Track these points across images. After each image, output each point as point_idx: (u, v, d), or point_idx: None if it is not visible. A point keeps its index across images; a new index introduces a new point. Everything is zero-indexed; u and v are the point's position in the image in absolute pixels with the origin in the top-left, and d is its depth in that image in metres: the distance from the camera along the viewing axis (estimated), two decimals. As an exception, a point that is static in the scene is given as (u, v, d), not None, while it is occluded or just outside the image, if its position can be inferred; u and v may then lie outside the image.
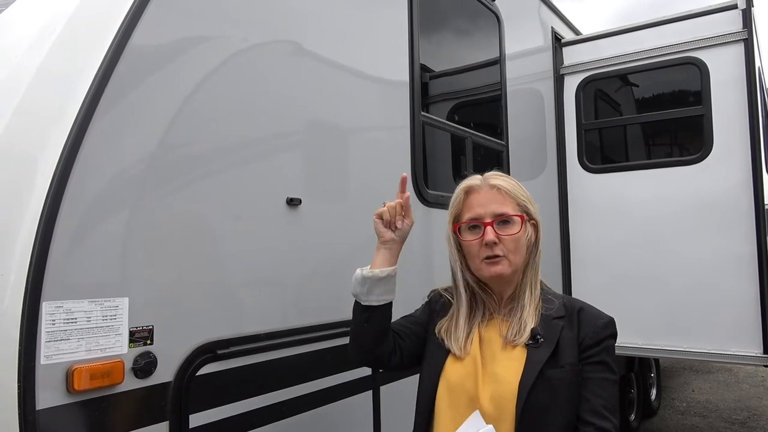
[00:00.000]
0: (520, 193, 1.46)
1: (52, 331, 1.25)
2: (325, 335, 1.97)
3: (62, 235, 1.28)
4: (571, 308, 1.42)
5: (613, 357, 1.38)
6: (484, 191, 1.44)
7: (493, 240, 1.38)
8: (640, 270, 3.89)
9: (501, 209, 1.41)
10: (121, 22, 1.45)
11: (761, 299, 3.48)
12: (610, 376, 1.35)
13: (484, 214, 1.41)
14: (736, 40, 3.67)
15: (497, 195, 1.43)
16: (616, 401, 1.35)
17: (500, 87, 3.42)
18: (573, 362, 1.33)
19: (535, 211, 1.47)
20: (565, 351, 1.34)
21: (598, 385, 1.33)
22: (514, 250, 1.41)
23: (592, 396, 1.31)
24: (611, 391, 1.34)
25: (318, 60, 2.06)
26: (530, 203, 1.46)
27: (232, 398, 1.65)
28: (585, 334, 1.36)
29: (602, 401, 1.31)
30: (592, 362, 1.34)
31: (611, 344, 1.39)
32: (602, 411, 1.30)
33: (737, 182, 3.61)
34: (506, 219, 1.41)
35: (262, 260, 1.80)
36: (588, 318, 1.39)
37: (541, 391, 1.29)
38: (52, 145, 1.30)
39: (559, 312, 1.40)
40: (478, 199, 1.44)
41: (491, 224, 1.40)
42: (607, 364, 1.35)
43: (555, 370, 1.31)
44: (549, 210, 4.09)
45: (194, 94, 1.62)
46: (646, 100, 4.33)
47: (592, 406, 1.30)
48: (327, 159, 2.08)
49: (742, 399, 6.45)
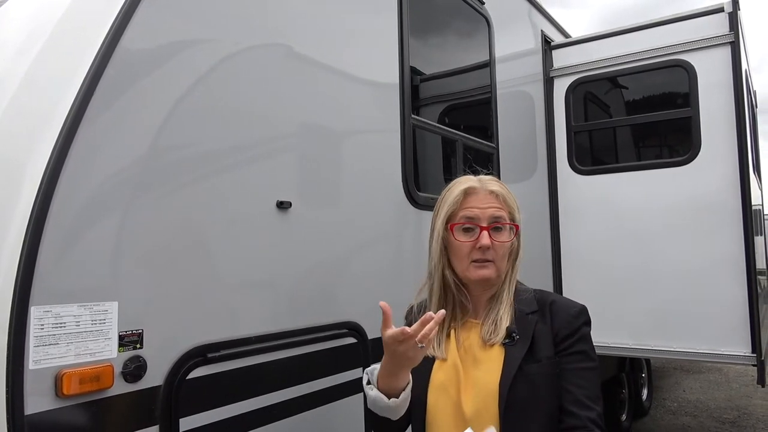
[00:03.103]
0: (512, 200, 1.48)
1: (41, 336, 1.25)
2: (316, 338, 1.98)
3: (51, 240, 1.27)
4: (543, 302, 1.43)
5: (591, 344, 1.40)
6: (483, 195, 1.45)
7: (488, 244, 1.40)
8: (630, 271, 3.91)
9: (498, 214, 1.43)
10: (110, 26, 1.45)
11: (749, 299, 3.51)
12: (590, 365, 1.36)
13: (482, 218, 1.42)
14: (723, 43, 3.71)
15: (495, 200, 1.44)
16: (598, 389, 1.36)
17: (490, 90, 3.44)
18: (550, 355, 1.34)
19: (520, 217, 1.49)
20: (541, 345, 1.35)
21: (577, 375, 1.34)
22: (502, 257, 1.43)
23: (573, 387, 1.32)
24: (592, 379, 1.35)
25: (308, 63, 2.07)
26: (518, 210, 1.49)
27: (223, 402, 1.65)
28: (559, 325, 1.38)
29: (584, 391, 1.32)
30: (570, 353, 1.35)
31: (587, 332, 1.40)
32: (585, 401, 1.31)
33: (725, 184, 3.64)
34: (500, 226, 1.43)
35: (253, 263, 1.80)
36: (560, 309, 1.41)
37: (522, 387, 1.31)
38: (40, 149, 1.30)
39: (532, 307, 1.42)
40: (476, 202, 1.44)
41: (488, 229, 1.41)
42: (584, 353, 1.36)
43: (533, 365, 1.33)
44: (539, 211, 4.11)
45: (184, 97, 1.62)
46: (635, 102, 4.37)
47: (575, 396, 1.31)
48: (317, 162, 2.09)
49: (732, 398, 6.50)
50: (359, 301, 2.22)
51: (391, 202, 2.48)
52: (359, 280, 2.25)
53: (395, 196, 2.50)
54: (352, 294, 2.21)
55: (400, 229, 2.53)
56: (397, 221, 2.50)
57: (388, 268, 2.43)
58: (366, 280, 2.29)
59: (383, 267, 2.40)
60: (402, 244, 2.54)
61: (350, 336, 2.13)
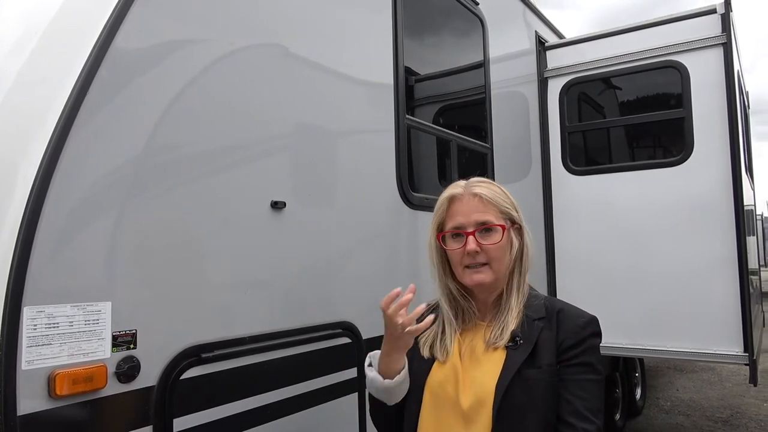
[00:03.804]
0: (502, 200, 1.45)
1: (34, 336, 1.25)
2: (310, 338, 1.98)
3: (44, 240, 1.27)
4: (551, 309, 1.41)
5: (598, 356, 1.37)
6: (466, 200, 1.43)
7: (475, 249, 1.39)
8: (624, 270, 3.93)
9: (483, 218, 1.41)
10: (104, 25, 1.45)
11: (741, 299, 3.53)
12: (594, 377, 1.34)
13: (466, 223, 1.41)
14: (715, 44, 3.73)
15: (479, 203, 1.42)
16: (601, 402, 1.33)
17: (484, 90, 3.44)
18: (550, 363, 1.32)
19: (519, 216, 1.47)
20: (543, 351, 1.34)
21: (579, 386, 1.31)
22: (496, 258, 1.41)
23: (573, 398, 1.30)
24: (595, 392, 1.33)
25: (303, 63, 2.07)
26: (514, 209, 1.46)
27: (217, 402, 1.65)
28: (564, 335, 1.35)
29: (584, 402, 1.30)
30: (574, 364, 1.33)
31: (594, 344, 1.37)
32: (584, 412, 1.29)
33: (718, 184, 3.66)
34: (488, 228, 1.41)
35: (247, 263, 1.80)
36: (567, 318, 1.38)
37: (518, 392, 1.30)
38: (33, 149, 1.30)
39: (540, 313, 1.40)
40: (460, 208, 1.43)
41: (473, 233, 1.40)
42: (590, 365, 1.34)
43: (532, 371, 1.32)
44: (534, 212, 4.12)
45: (178, 97, 1.62)
46: (629, 102, 4.39)
47: (574, 407, 1.29)
48: (311, 162, 2.09)
49: (725, 397, 6.54)
50: (354, 301, 2.23)
51: (386, 203, 2.48)
52: (353, 280, 2.26)
53: (390, 196, 2.50)
54: (347, 294, 2.21)
55: (395, 230, 2.53)
56: (391, 221, 2.51)
57: (383, 268, 2.43)
58: (360, 280, 2.29)
59: (377, 267, 2.41)
60: (396, 245, 2.54)
61: (344, 336, 2.14)
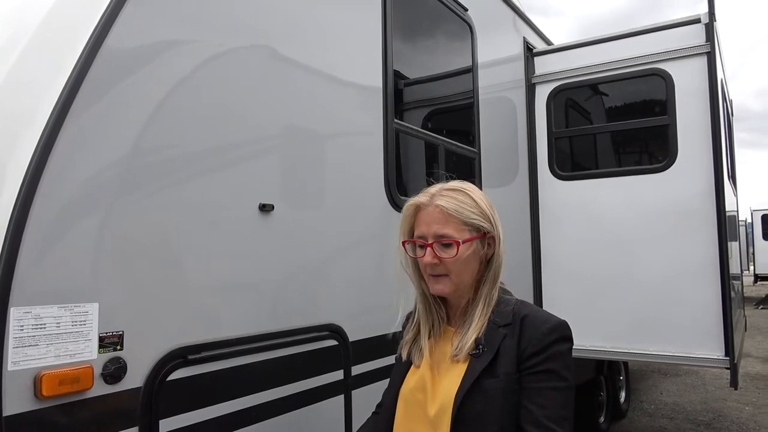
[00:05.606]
0: (469, 211, 1.39)
1: (20, 337, 1.24)
2: (296, 340, 1.99)
3: (31, 241, 1.27)
4: (517, 315, 1.36)
5: (564, 363, 1.30)
6: (430, 210, 1.40)
7: (430, 262, 1.38)
8: (608, 275, 3.98)
9: (441, 231, 1.37)
10: (95, 26, 1.45)
11: (723, 303, 3.59)
12: (558, 384, 1.28)
13: (427, 234, 1.39)
14: (699, 53, 3.79)
15: (440, 215, 1.38)
16: (565, 409, 1.27)
17: (473, 95, 3.47)
18: (510, 371, 1.28)
19: (491, 226, 1.41)
20: (504, 360, 1.30)
21: (540, 394, 1.26)
22: (455, 271, 1.38)
23: (533, 406, 1.25)
24: (559, 400, 1.27)
25: (293, 66, 2.08)
26: (485, 219, 1.40)
27: (204, 403, 1.65)
28: (527, 342, 1.30)
29: (544, 411, 1.24)
30: (535, 372, 1.28)
31: (559, 350, 1.30)
32: (543, 421, 1.23)
33: (701, 190, 3.72)
34: (446, 242, 1.37)
35: (234, 265, 1.81)
36: (531, 325, 1.33)
37: (476, 401, 1.27)
38: (22, 150, 1.30)
39: (506, 320, 1.35)
40: (424, 218, 1.41)
41: (431, 246, 1.38)
42: (553, 372, 1.28)
43: (491, 380, 1.28)
44: (520, 216, 4.16)
45: (168, 98, 1.62)
46: (615, 109, 4.45)
47: (534, 416, 1.24)
48: (300, 165, 2.10)
49: (707, 401, 6.62)
50: (341, 303, 2.24)
51: (374, 206, 2.50)
52: (341, 283, 2.27)
53: (378, 199, 2.52)
54: (334, 297, 2.22)
55: (382, 233, 2.54)
56: (379, 225, 2.52)
57: (370, 271, 2.44)
58: (348, 283, 2.30)
59: (365, 270, 2.42)
60: (384, 248, 2.55)
61: (331, 338, 2.15)
